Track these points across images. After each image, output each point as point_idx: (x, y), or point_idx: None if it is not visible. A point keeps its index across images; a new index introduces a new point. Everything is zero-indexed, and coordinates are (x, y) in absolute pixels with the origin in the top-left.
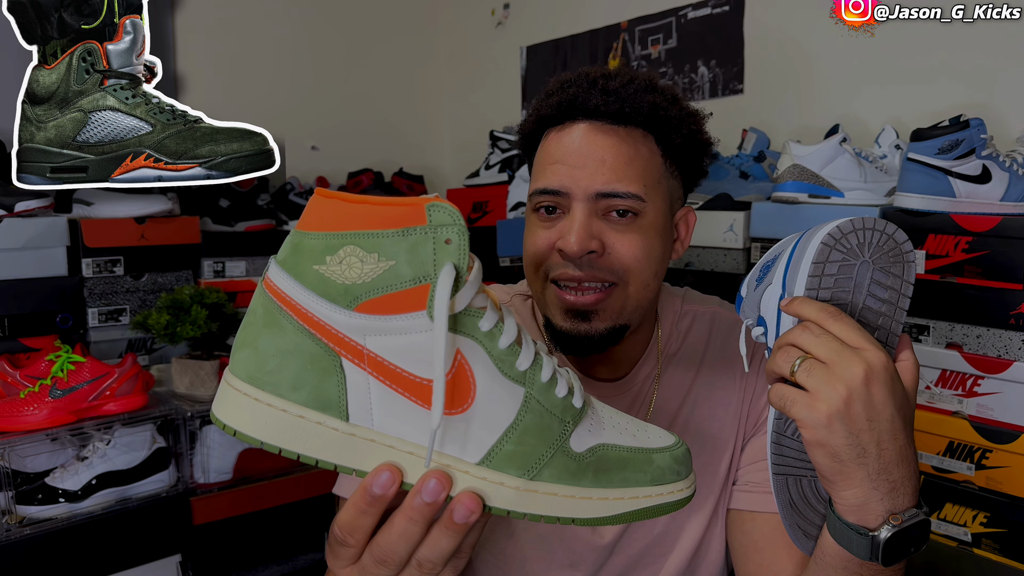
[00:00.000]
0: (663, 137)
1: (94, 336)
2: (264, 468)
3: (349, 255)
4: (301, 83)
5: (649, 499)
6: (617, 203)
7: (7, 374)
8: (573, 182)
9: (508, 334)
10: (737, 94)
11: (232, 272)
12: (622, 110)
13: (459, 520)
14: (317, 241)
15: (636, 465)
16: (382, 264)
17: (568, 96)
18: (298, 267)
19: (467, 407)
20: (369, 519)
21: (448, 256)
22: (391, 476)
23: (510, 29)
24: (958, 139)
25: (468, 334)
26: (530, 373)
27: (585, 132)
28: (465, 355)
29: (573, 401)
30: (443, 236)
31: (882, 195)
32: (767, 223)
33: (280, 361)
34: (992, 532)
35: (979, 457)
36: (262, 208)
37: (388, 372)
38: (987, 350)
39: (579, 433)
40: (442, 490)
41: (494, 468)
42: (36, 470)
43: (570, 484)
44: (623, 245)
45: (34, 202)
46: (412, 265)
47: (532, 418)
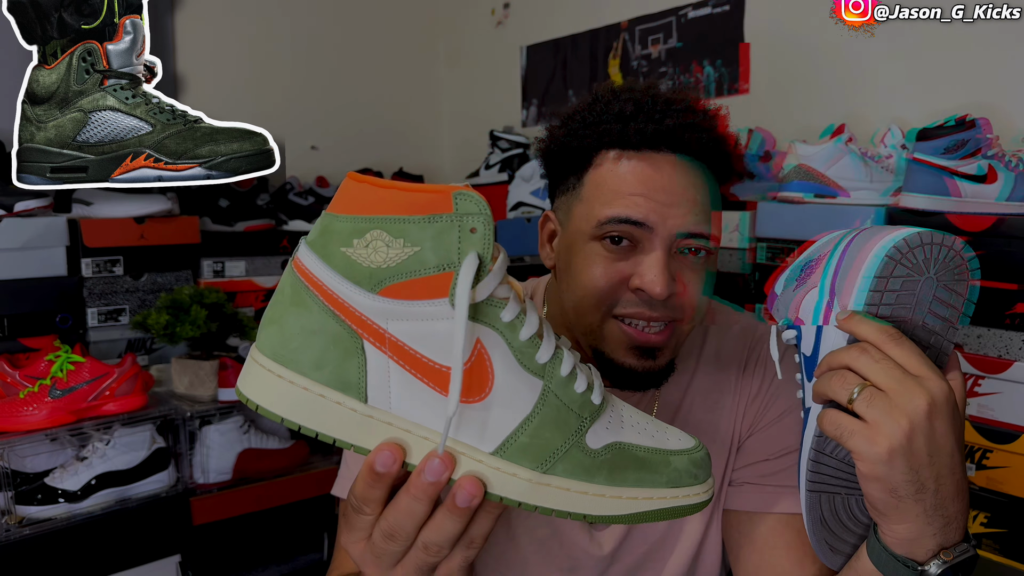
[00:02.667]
0: (720, 175)
1: (93, 336)
2: (263, 468)
3: (376, 239)
4: (301, 83)
5: (664, 500)
6: (694, 243)
7: (7, 374)
8: (660, 219)
9: (529, 326)
10: (738, 94)
11: (232, 272)
12: (707, 147)
13: (461, 504)
14: (346, 224)
15: (653, 466)
16: (407, 249)
17: (654, 124)
18: (326, 249)
19: (484, 396)
20: (377, 492)
21: (473, 245)
22: (392, 455)
23: (510, 29)
24: (963, 139)
25: (489, 324)
26: (549, 366)
27: (676, 167)
28: (485, 344)
29: (592, 397)
30: (468, 224)
31: (887, 195)
32: (771, 223)
33: (304, 340)
34: (992, 532)
35: (979, 457)
36: (262, 208)
37: (408, 357)
38: (987, 350)
39: (596, 430)
40: (444, 470)
41: (508, 459)
42: (35, 470)
43: (584, 480)
44: (693, 286)
45: (34, 202)
46: (437, 252)
47: (549, 411)
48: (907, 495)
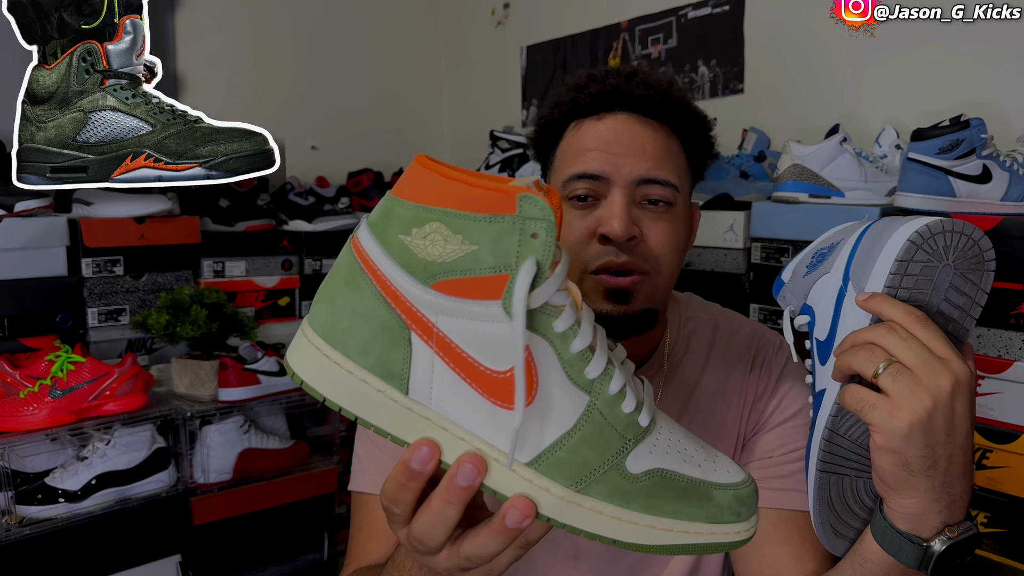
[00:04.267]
0: (686, 136)
1: (94, 336)
2: (264, 468)
3: (434, 232)
4: (301, 83)
5: (700, 536)
6: (654, 191)
7: (7, 374)
8: (615, 168)
9: (583, 338)
10: (737, 94)
11: (232, 272)
12: (661, 104)
13: (511, 525)
14: (407, 211)
15: (694, 499)
16: (465, 247)
17: (608, 87)
18: (385, 233)
19: (527, 404)
20: (409, 493)
21: (532, 251)
22: (429, 452)
23: (510, 29)
24: (958, 139)
25: (540, 332)
26: (598, 383)
27: (625, 121)
28: (533, 353)
29: (639, 419)
30: (530, 229)
31: (882, 195)
32: (767, 223)
33: (353, 323)
34: (993, 532)
35: (979, 457)
36: (262, 208)
37: (454, 355)
38: (987, 350)
39: (639, 452)
40: (477, 475)
41: (542, 472)
42: (36, 470)
43: (618, 505)
44: (658, 234)
45: (34, 202)
46: (495, 253)
47: (591, 429)
48: (919, 470)
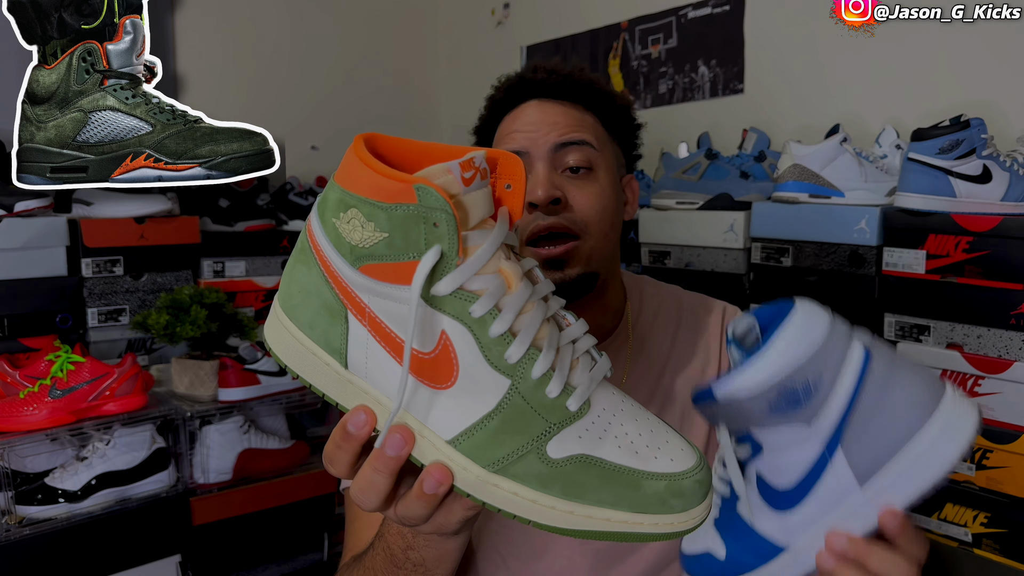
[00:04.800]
0: (600, 110)
1: (94, 336)
2: (263, 468)
3: (354, 218)
4: (301, 83)
5: (625, 524)
6: (572, 155)
7: (7, 374)
8: (532, 142)
9: (502, 323)
10: (737, 94)
11: (232, 272)
12: (565, 85)
13: (428, 491)
14: (336, 195)
15: (617, 488)
16: (378, 234)
17: (515, 81)
18: (324, 216)
19: (450, 385)
20: (344, 454)
21: (437, 238)
22: (366, 417)
23: (510, 29)
24: (958, 139)
25: (455, 316)
26: (520, 366)
27: (536, 105)
28: (450, 336)
29: (567, 403)
30: (432, 219)
31: (882, 195)
32: (768, 223)
33: (303, 299)
34: (993, 532)
35: (980, 457)
36: (262, 208)
37: (385, 335)
38: (988, 350)
39: (564, 437)
40: (404, 445)
41: (461, 452)
42: (36, 470)
43: (535, 489)
44: (583, 198)
45: (34, 202)
46: (405, 240)
47: (512, 412)
48: None
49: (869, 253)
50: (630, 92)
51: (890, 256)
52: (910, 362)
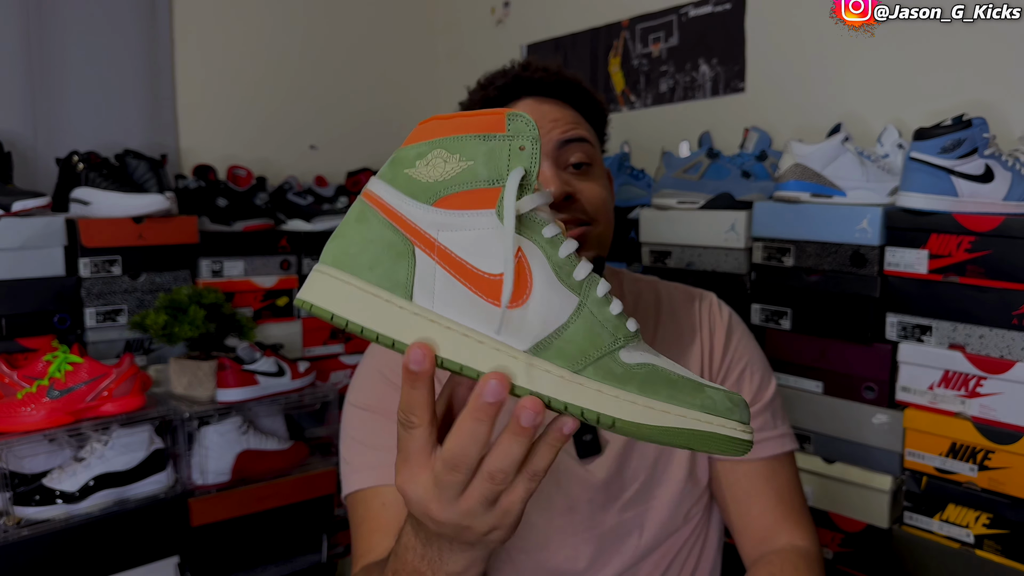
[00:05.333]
0: (585, 107)
1: (91, 336)
2: (262, 469)
3: (436, 157)
4: (300, 82)
5: (698, 423)
6: (575, 152)
7: (4, 375)
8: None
9: (568, 245)
10: (739, 93)
11: (230, 272)
12: (557, 84)
13: (525, 423)
14: (411, 151)
15: (686, 391)
16: (462, 164)
17: (510, 79)
18: (392, 174)
19: (523, 302)
20: (419, 394)
21: (520, 161)
22: (421, 352)
23: (510, 28)
24: (960, 138)
25: (530, 237)
26: (586, 285)
27: (532, 103)
28: (526, 254)
29: (627, 323)
30: (518, 143)
31: (884, 194)
32: (769, 223)
33: (362, 247)
34: (994, 533)
35: (982, 458)
36: (260, 207)
37: (455, 263)
38: (990, 351)
39: (629, 350)
40: (502, 390)
41: (542, 357)
42: (33, 471)
43: (615, 385)
44: (589, 191)
45: (31, 201)
46: (488, 166)
47: (584, 324)
48: None
49: (871, 253)
50: (631, 91)
51: (892, 256)
52: None
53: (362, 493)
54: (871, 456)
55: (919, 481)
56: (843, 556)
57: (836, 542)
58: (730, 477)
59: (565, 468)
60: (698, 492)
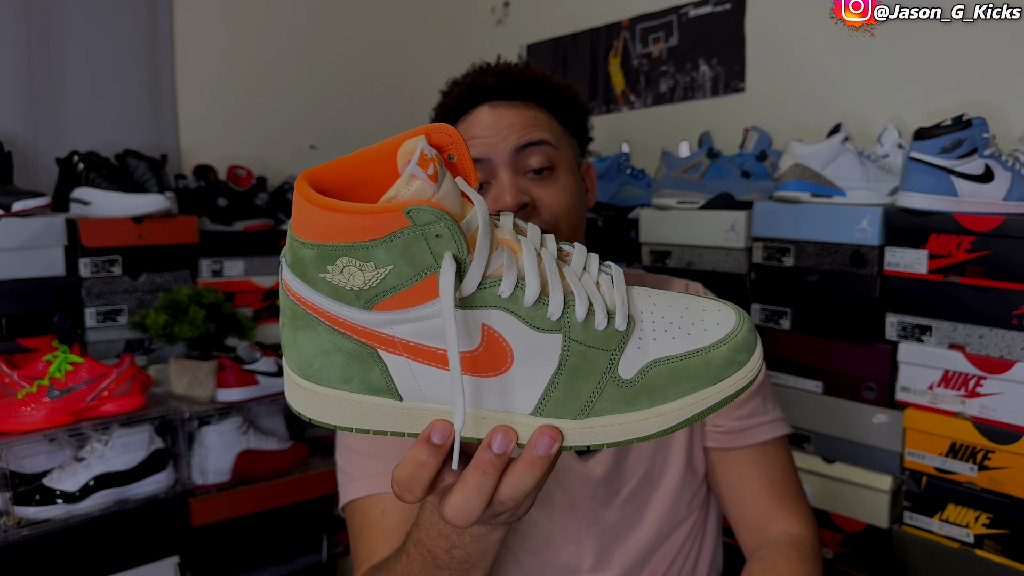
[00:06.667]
0: (552, 104)
1: (92, 336)
2: (262, 469)
3: (347, 265)
4: (300, 82)
5: (709, 399)
6: (534, 157)
7: (4, 374)
8: (492, 149)
9: (531, 289)
10: (739, 93)
11: (230, 272)
12: (515, 86)
13: (542, 453)
14: (312, 251)
15: (693, 372)
16: (382, 270)
17: (465, 86)
18: (306, 274)
19: (507, 368)
20: (427, 472)
21: (445, 247)
22: (447, 427)
23: (510, 28)
24: (960, 138)
25: (489, 306)
26: (564, 319)
27: (488, 110)
28: (492, 325)
29: (616, 326)
30: (432, 232)
31: (884, 194)
32: (769, 223)
33: (324, 360)
34: (994, 533)
35: (982, 458)
36: (260, 207)
37: (422, 352)
38: (990, 350)
39: (627, 357)
40: (510, 441)
41: (546, 415)
42: (34, 471)
43: (626, 412)
44: (549, 197)
45: (31, 201)
46: (411, 264)
47: (575, 359)
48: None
49: (871, 253)
50: (631, 91)
51: (892, 256)
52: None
53: (360, 502)
54: (871, 456)
55: (919, 481)
56: (843, 556)
57: (836, 542)
58: (723, 464)
59: (565, 466)
60: (697, 482)
